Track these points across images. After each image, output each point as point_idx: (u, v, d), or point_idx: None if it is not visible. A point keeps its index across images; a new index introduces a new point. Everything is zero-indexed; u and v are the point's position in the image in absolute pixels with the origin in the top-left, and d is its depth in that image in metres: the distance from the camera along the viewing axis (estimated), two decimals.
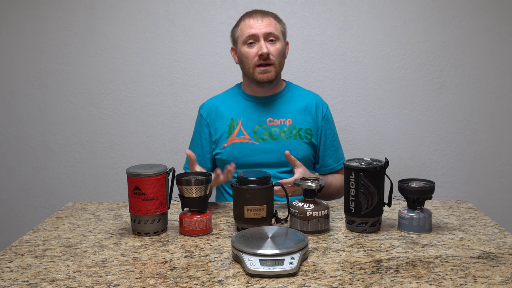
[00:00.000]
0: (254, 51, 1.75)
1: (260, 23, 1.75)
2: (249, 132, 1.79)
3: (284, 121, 1.81)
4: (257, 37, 1.74)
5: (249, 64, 1.77)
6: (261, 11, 1.80)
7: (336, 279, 1.12)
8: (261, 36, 1.74)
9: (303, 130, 1.81)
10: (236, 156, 1.78)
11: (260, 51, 1.72)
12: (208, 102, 1.91)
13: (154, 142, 2.50)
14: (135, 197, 1.40)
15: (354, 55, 2.41)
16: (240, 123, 1.80)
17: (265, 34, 1.74)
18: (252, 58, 1.75)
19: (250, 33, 1.74)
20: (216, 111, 1.85)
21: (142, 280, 1.13)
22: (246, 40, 1.76)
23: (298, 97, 1.86)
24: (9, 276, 1.17)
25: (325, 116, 1.86)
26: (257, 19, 1.76)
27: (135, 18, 2.41)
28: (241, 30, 1.78)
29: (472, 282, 1.09)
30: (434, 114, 2.44)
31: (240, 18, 1.82)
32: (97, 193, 2.54)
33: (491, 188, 2.48)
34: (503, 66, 2.40)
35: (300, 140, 1.80)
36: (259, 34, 1.74)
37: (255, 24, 1.75)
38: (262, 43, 1.73)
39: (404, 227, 1.41)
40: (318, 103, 1.87)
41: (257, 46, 1.74)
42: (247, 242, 1.21)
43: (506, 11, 2.37)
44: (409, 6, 2.37)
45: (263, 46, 1.73)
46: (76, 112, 2.49)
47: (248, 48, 1.76)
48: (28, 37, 2.45)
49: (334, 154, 1.87)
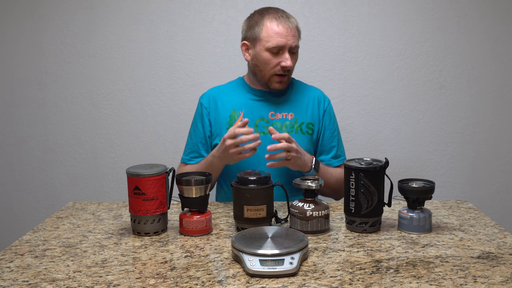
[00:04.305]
0: (276, 61, 1.72)
1: (288, 32, 1.70)
2: (250, 125, 1.80)
3: (286, 115, 1.81)
4: (283, 47, 1.71)
5: (267, 70, 1.75)
6: (285, 14, 1.74)
7: (336, 279, 1.12)
8: (287, 48, 1.71)
9: (305, 125, 1.81)
10: None
11: (284, 63, 1.70)
12: (209, 91, 1.90)
13: (154, 142, 2.50)
14: (135, 197, 1.40)
15: (354, 55, 2.41)
16: (241, 114, 1.80)
17: (291, 47, 1.71)
18: (273, 67, 1.73)
19: (279, 44, 1.69)
20: (217, 100, 1.85)
21: (142, 280, 1.13)
22: (271, 48, 1.71)
23: (300, 92, 1.86)
24: (9, 276, 1.17)
25: (327, 111, 1.86)
26: (285, 26, 1.70)
27: (135, 18, 2.41)
28: (267, 34, 1.71)
29: (472, 282, 1.09)
30: (434, 114, 2.44)
31: (262, 15, 1.75)
32: (97, 193, 2.54)
33: (491, 188, 2.48)
34: (503, 66, 2.40)
35: (302, 135, 1.80)
36: (286, 46, 1.70)
37: (284, 32, 1.69)
38: (287, 56, 1.71)
39: (404, 227, 1.41)
40: (320, 97, 1.87)
41: (281, 56, 1.71)
42: (247, 242, 1.22)
43: (506, 11, 2.37)
44: (409, 6, 2.37)
45: (288, 59, 1.70)
46: (76, 112, 2.49)
47: (271, 55, 1.72)
48: (28, 37, 2.45)
49: (334, 150, 1.86)
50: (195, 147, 1.86)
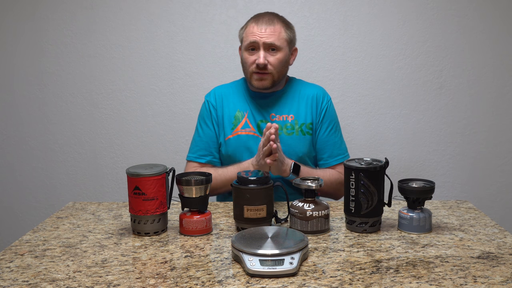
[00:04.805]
0: (252, 59, 1.76)
1: (263, 31, 1.73)
2: (254, 126, 1.80)
3: (286, 117, 1.82)
4: (257, 45, 1.74)
5: (247, 69, 1.79)
6: (269, 17, 1.77)
7: (336, 279, 1.12)
8: (261, 45, 1.73)
9: (305, 126, 1.82)
10: (241, 148, 1.79)
11: (258, 60, 1.73)
12: (216, 90, 1.91)
13: (154, 142, 2.50)
14: (135, 197, 1.40)
15: (354, 55, 2.41)
16: (246, 115, 1.81)
17: (265, 44, 1.73)
18: (250, 65, 1.77)
19: (250, 40, 1.75)
20: (223, 99, 1.86)
21: (142, 280, 1.13)
22: (247, 46, 1.77)
23: (300, 91, 1.86)
24: (9, 276, 1.17)
25: (325, 109, 1.84)
26: (262, 26, 1.74)
27: (135, 18, 2.41)
28: (245, 34, 1.78)
29: (472, 282, 1.09)
30: (434, 114, 2.44)
31: (249, 20, 1.81)
32: (97, 193, 2.54)
33: (491, 188, 2.48)
34: (503, 66, 2.40)
35: (302, 136, 1.81)
36: (259, 42, 1.73)
37: (257, 31, 1.74)
38: (261, 52, 1.74)
39: (404, 227, 1.41)
40: (320, 95, 1.86)
41: (256, 54, 1.75)
42: (247, 242, 1.21)
43: (506, 11, 2.37)
44: (409, 6, 2.37)
45: (261, 56, 1.73)
46: (76, 112, 2.49)
47: (248, 54, 1.77)
48: (28, 37, 2.45)
49: (331, 148, 1.84)
50: (205, 145, 1.85)
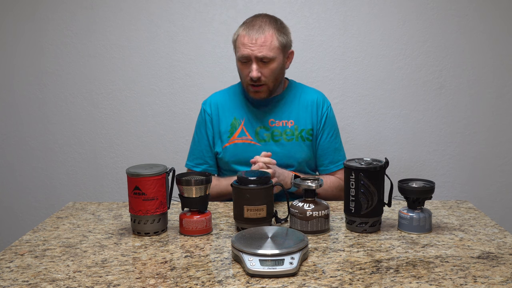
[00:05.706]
0: (246, 71, 1.72)
1: (253, 42, 1.68)
2: (251, 133, 1.79)
3: (286, 122, 1.80)
4: (249, 58, 1.70)
5: (242, 80, 1.77)
6: (260, 24, 1.71)
7: (336, 279, 1.12)
8: (253, 58, 1.69)
9: (305, 131, 1.80)
10: (238, 156, 1.78)
11: (251, 74, 1.69)
12: (212, 98, 1.89)
13: (154, 142, 2.50)
14: (135, 197, 1.40)
15: (354, 55, 2.41)
16: (242, 123, 1.79)
17: (257, 57, 1.69)
18: (245, 77, 1.74)
19: (242, 54, 1.70)
20: (219, 108, 1.84)
21: (142, 280, 1.13)
22: (239, 58, 1.73)
23: (300, 96, 1.84)
24: (9, 276, 1.17)
25: (325, 115, 1.82)
26: (252, 37, 1.68)
27: (135, 18, 2.41)
28: (237, 44, 1.74)
29: (472, 282, 1.09)
30: (434, 114, 2.44)
31: (240, 26, 1.76)
32: (97, 193, 2.54)
33: (491, 188, 2.48)
34: (503, 66, 2.40)
35: (302, 142, 1.79)
36: (251, 56, 1.69)
37: (249, 43, 1.68)
38: (253, 66, 1.69)
39: (404, 227, 1.41)
40: (320, 101, 1.83)
41: (249, 67, 1.71)
42: (247, 242, 1.21)
43: (506, 11, 2.37)
44: (409, 6, 2.37)
45: (253, 70, 1.69)
46: (76, 112, 2.49)
47: (241, 65, 1.74)
48: (28, 37, 2.45)
49: (332, 155, 1.83)
50: (200, 154, 1.85)
